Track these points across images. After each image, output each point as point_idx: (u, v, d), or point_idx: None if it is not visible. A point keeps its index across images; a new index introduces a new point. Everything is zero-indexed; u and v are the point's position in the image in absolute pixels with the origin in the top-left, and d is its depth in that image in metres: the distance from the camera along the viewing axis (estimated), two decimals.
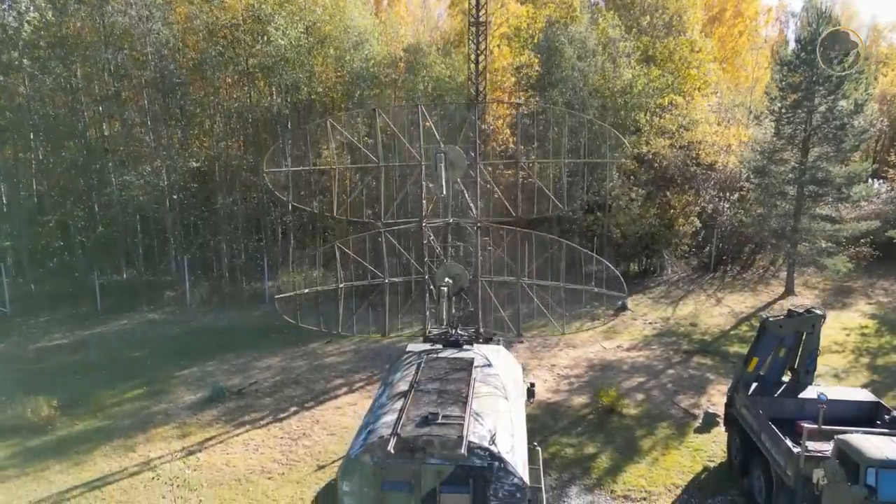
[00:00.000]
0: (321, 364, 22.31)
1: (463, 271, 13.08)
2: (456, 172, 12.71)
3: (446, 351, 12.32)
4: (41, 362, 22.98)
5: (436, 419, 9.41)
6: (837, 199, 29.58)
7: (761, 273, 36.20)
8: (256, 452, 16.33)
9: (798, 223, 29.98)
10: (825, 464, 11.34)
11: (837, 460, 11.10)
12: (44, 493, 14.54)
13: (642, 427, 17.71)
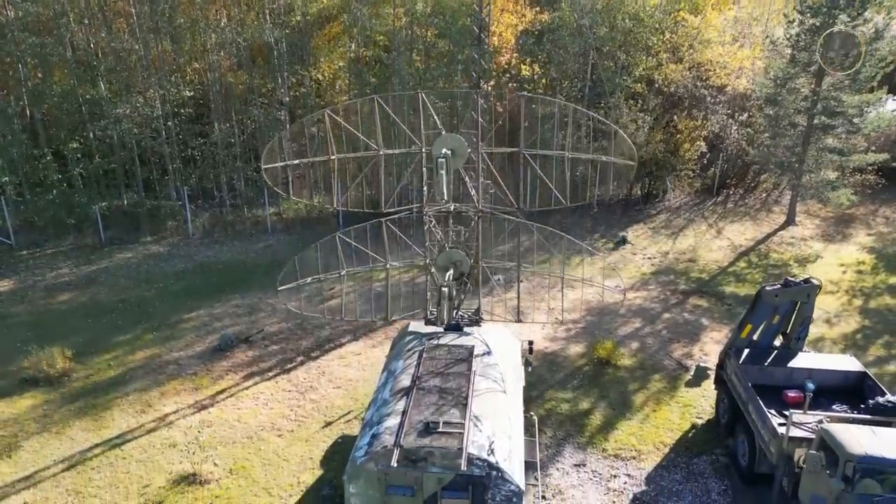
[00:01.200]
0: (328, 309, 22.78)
1: (464, 257, 13.16)
2: (458, 160, 12.52)
3: (447, 336, 12.66)
4: (51, 303, 23.51)
5: (436, 428, 9.87)
6: (848, 131, 28.96)
7: (764, 198, 36.06)
8: (266, 407, 17.13)
9: (805, 155, 29.54)
10: (807, 453, 11.95)
11: (819, 450, 11.69)
12: (67, 451, 15.41)
13: (636, 380, 18.42)
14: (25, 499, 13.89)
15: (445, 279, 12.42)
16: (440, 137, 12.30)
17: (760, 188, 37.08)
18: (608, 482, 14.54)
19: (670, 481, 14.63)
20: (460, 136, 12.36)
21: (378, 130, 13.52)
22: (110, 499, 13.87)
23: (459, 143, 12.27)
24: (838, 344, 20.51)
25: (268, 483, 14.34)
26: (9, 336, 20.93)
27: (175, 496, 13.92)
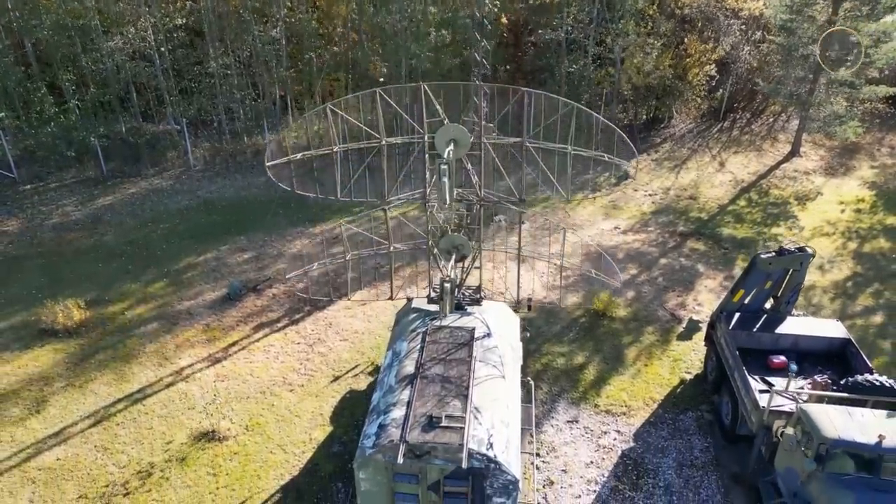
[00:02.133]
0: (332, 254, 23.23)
1: (465, 241, 13.43)
2: (460, 150, 12.52)
3: (449, 316, 13.18)
4: (61, 245, 23.95)
5: (439, 422, 10.61)
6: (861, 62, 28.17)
7: (771, 123, 35.59)
8: (277, 361, 18.00)
9: (815, 86, 28.92)
10: (784, 434, 12.80)
11: (796, 427, 12.52)
12: (92, 406, 16.41)
13: (630, 332, 19.18)
14: (58, 455, 14.99)
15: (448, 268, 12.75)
16: (443, 127, 12.26)
17: (768, 111, 36.51)
18: (599, 439, 15.60)
19: (657, 437, 15.68)
20: (462, 126, 12.31)
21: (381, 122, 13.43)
22: (136, 455, 14.98)
23: (462, 133, 12.24)
24: (828, 293, 21.13)
25: (282, 440, 15.41)
26: (23, 282, 21.56)
27: (197, 452, 15.01)
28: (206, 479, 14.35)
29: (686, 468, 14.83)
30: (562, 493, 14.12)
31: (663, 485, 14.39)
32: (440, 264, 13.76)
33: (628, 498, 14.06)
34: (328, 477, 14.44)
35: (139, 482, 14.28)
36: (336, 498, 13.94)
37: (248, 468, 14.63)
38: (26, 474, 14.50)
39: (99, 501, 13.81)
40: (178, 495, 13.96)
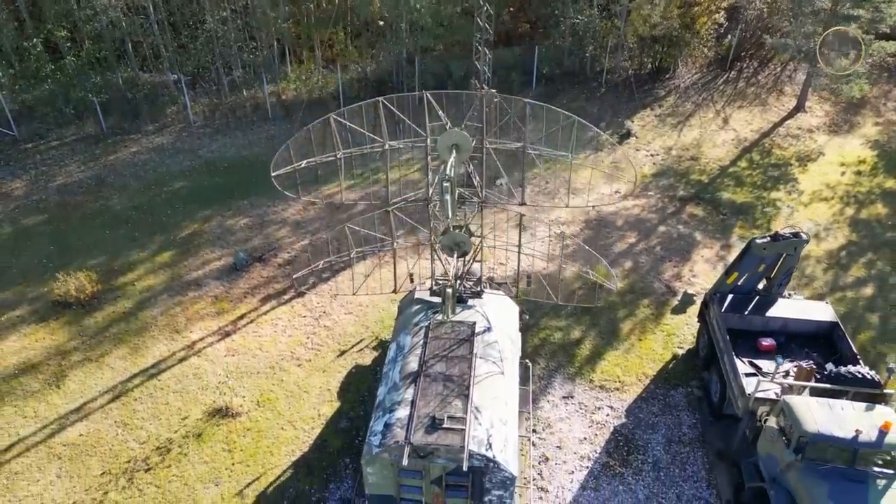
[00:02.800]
0: (332, 221, 23.52)
1: (467, 238, 13.73)
2: (462, 154, 12.64)
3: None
4: (66, 209, 24.20)
5: (441, 423, 11.28)
6: (872, 19, 27.50)
7: (777, 73, 35.02)
8: (284, 335, 18.66)
9: None
10: (767, 423, 13.53)
11: (779, 416, 13.22)
12: (110, 381, 17.18)
13: (626, 306, 19.75)
14: (80, 431, 15.86)
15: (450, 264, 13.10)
16: (445, 133, 12.36)
17: (776, 59, 35.81)
18: (592, 414, 16.43)
19: (647, 413, 16.51)
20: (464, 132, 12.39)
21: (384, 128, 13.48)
22: (154, 431, 15.85)
23: (464, 138, 12.35)
24: (821, 263, 21.56)
25: (291, 415, 16.24)
26: (32, 251, 21.99)
27: (212, 428, 15.87)
28: (221, 454, 15.26)
29: (674, 444, 15.72)
30: (556, 469, 15.04)
31: (652, 461, 15.30)
32: (442, 259, 14.14)
33: (618, 474, 14.98)
34: (336, 453, 15.34)
35: (159, 458, 15.19)
36: (344, 473, 14.88)
37: (260, 444, 15.51)
38: (52, 450, 15.40)
39: (122, 477, 14.75)
40: (197, 471, 14.89)
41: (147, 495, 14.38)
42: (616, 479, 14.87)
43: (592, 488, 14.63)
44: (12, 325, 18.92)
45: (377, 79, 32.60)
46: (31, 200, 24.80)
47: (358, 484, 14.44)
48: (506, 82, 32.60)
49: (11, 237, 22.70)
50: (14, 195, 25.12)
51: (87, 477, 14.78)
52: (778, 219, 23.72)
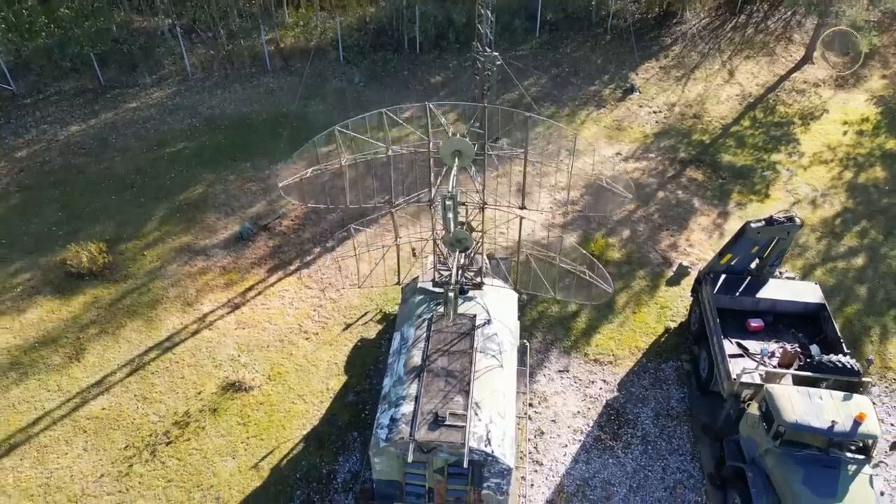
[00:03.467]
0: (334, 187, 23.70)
1: (468, 235, 14.07)
2: (464, 160, 12.83)
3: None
4: (70, 172, 24.38)
5: (444, 421, 12.08)
6: None
7: (787, 19, 34.19)
8: (292, 307, 19.34)
9: None
10: (748, 412, 14.36)
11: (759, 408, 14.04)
12: (127, 355, 18.00)
13: (622, 277, 20.32)
14: (102, 404, 16.80)
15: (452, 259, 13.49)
16: (448, 140, 12.52)
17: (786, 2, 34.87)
18: (586, 388, 17.34)
19: (639, 387, 17.41)
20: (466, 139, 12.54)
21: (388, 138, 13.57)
22: (173, 405, 16.79)
23: (466, 144, 12.53)
24: (815, 232, 21.97)
25: (301, 389, 17.15)
26: (40, 217, 22.37)
27: (226, 402, 16.81)
28: (237, 428, 16.25)
29: (662, 418, 16.68)
30: (550, 442, 16.06)
31: (641, 435, 16.29)
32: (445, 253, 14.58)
33: (608, 448, 16.00)
34: (345, 426, 16.32)
35: (178, 431, 16.19)
36: (352, 447, 15.91)
37: (273, 418, 16.49)
38: (77, 423, 16.39)
39: (145, 450, 15.79)
40: (215, 444, 15.92)
41: (170, 468, 15.45)
42: (606, 452, 15.91)
43: (584, 461, 15.69)
44: (29, 297, 19.58)
45: (376, 27, 31.89)
46: (35, 162, 24.95)
47: (366, 458, 15.49)
48: (508, 30, 31.97)
49: (21, 203, 23.03)
50: (18, 157, 25.24)
51: (111, 450, 15.83)
52: (777, 184, 23.95)
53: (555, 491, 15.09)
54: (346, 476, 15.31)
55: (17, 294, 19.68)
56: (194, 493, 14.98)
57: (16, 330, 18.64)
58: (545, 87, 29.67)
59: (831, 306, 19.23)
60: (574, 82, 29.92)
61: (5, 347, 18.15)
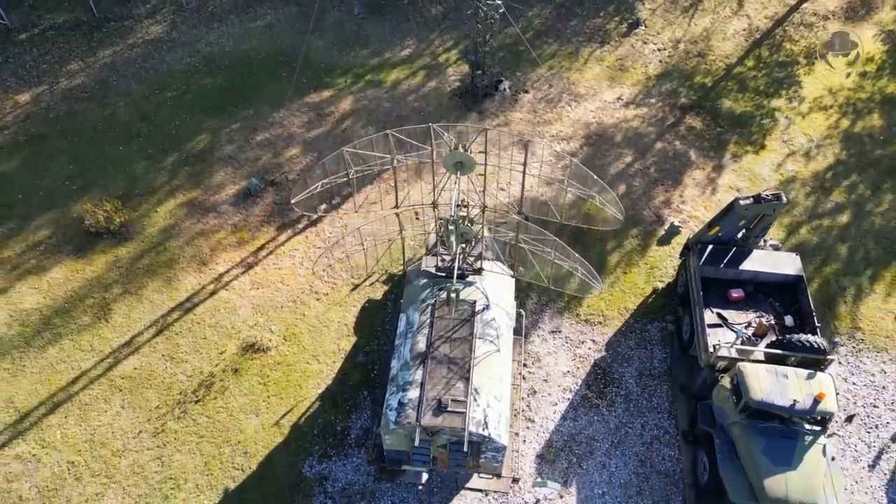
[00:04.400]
0: (339, 137, 24.06)
1: (469, 229, 14.84)
2: (466, 170, 13.36)
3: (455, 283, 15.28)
4: (76, 122, 24.59)
5: (446, 407, 13.56)
6: None
7: None
8: (302, 267, 20.46)
9: None
10: (720, 385, 15.83)
11: (731, 382, 15.51)
12: (151, 315, 19.34)
13: (615, 237, 21.26)
14: (134, 364, 18.36)
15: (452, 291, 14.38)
16: (451, 153, 13.03)
17: None
18: (577, 348, 18.84)
19: (625, 347, 18.91)
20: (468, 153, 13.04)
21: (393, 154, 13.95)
22: (198, 365, 18.35)
23: (467, 157, 13.06)
24: (806, 187, 22.64)
25: (315, 350, 18.65)
26: (52, 170, 22.94)
27: (247, 362, 18.36)
28: (258, 388, 17.91)
29: (645, 377, 18.31)
30: (542, 401, 17.77)
31: (624, 393, 17.98)
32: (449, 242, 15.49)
33: (594, 405, 17.73)
34: (356, 385, 17.97)
35: (205, 390, 17.86)
36: (363, 405, 17.63)
37: (290, 378, 18.11)
38: (112, 383, 18.03)
39: (177, 408, 17.53)
40: (239, 403, 17.63)
41: (200, 425, 17.25)
42: (592, 410, 17.65)
43: (572, 419, 17.47)
44: (52, 255, 20.66)
45: None
46: (39, 109, 25.11)
47: (376, 416, 17.26)
48: None
49: (31, 155, 23.49)
50: (22, 101, 25.36)
51: (146, 408, 17.56)
52: (773, 133, 24.28)
53: (544, 446, 16.97)
54: (359, 432, 17.14)
55: (40, 253, 20.73)
56: (224, 448, 16.87)
57: (44, 290, 19.89)
58: (549, 20, 29.05)
59: (812, 266, 20.53)
60: (579, 13, 29.26)
61: (36, 308, 19.48)
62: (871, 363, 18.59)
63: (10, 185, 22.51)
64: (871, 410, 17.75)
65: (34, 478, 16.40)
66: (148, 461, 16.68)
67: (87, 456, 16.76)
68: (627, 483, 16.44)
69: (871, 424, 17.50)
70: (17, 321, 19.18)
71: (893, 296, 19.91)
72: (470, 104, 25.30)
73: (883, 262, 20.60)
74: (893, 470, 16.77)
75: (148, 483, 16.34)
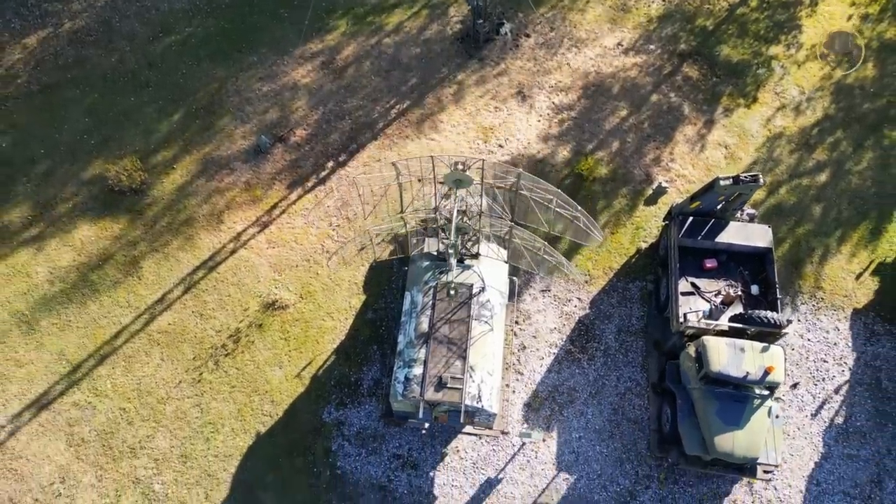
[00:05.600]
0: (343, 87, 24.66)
1: (468, 225, 16.25)
2: (464, 185, 14.58)
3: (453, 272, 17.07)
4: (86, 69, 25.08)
5: (446, 384, 15.84)
6: None
7: None
8: (313, 227, 22.07)
9: None
10: (685, 353, 18.02)
11: (696, 351, 17.70)
12: (177, 273, 21.25)
13: (605, 196, 22.65)
14: (168, 320, 20.56)
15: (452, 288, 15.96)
16: (451, 172, 14.21)
17: None
18: (563, 306, 20.94)
19: (607, 305, 21.00)
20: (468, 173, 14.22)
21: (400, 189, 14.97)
22: (225, 321, 20.55)
23: (466, 176, 14.28)
24: (791, 143, 23.64)
25: (329, 307, 20.77)
26: (70, 124, 23.86)
27: (268, 319, 20.54)
28: (280, 342, 20.23)
29: (623, 333, 20.56)
30: (530, 355, 20.14)
31: (603, 348, 20.31)
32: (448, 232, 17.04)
33: (577, 359, 20.13)
34: (367, 341, 20.27)
35: (233, 345, 20.19)
36: (373, 358, 20.02)
37: (308, 334, 20.37)
38: (151, 337, 20.32)
39: (210, 361, 19.95)
40: (264, 356, 20.03)
41: (231, 376, 19.75)
42: (574, 363, 20.07)
43: (556, 371, 19.94)
44: (81, 213, 22.23)
45: None
46: (48, 54, 25.50)
47: (385, 368, 19.71)
48: None
49: (46, 105, 24.29)
50: (29, 46, 25.68)
51: (183, 360, 19.99)
52: (767, 84, 24.84)
53: (531, 396, 19.56)
54: (370, 383, 19.67)
55: (69, 210, 22.29)
56: (254, 397, 19.48)
57: (77, 247, 21.69)
58: None
59: (786, 227, 22.19)
60: None
61: (73, 265, 21.38)
62: (826, 321, 20.76)
63: (30, 139, 23.58)
64: (820, 365, 20.16)
65: (92, 422, 19.14)
66: (189, 408, 19.35)
67: (136, 403, 19.41)
68: (601, 429, 19.19)
69: (819, 378, 19.97)
70: (58, 278, 21.15)
71: (857, 256, 21.70)
72: (472, 50, 25.63)
73: (852, 223, 22.18)
74: (832, 418, 19.46)
75: (191, 427, 19.11)
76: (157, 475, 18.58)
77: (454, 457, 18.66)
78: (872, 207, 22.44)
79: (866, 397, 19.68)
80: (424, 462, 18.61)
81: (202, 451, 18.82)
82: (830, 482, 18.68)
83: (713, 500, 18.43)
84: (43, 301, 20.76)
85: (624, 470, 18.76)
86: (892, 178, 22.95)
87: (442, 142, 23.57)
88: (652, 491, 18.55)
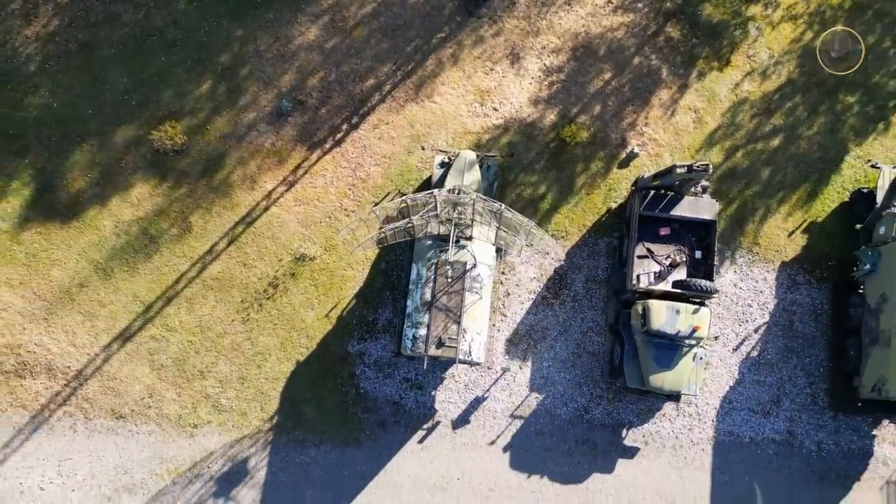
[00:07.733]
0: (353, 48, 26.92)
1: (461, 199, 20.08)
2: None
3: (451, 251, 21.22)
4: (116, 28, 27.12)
5: (444, 344, 20.73)
6: None
7: None
8: (332, 186, 25.79)
9: None
10: (634, 309, 22.70)
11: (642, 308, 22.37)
12: (221, 227, 25.29)
13: (585, 160, 26.08)
14: (218, 269, 25.05)
15: None
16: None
17: None
18: (543, 259, 25.35)
19: (579, 257, 25.41)
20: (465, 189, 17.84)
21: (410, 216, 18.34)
22: (264, 270, 25.08)
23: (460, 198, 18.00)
24: (753, 108, 26.55)
25: (349, 259, 25.18)
26: (110, 84, 26.36)
27: (300, 269, 25.05)
28: (310, 289, 24.94)
29: (590, 282, 25.19)
30: (513, 300, 24.94)
31: (573, 295, 25.06)
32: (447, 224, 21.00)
33: (550, 304, 24.95)
34: (381, 287, 24.97)
35: (273, 290, 24.90)
36: (387, 302, 24.85)
37: (333, 281, 25.01)
38: (205, 283, 24.98)
39: (255, 304, 24.79)
40: (298, 300, 24.84)
41: (273, 315, 24.72)
42: (548, 308, 24.93)
43: (533, 314, 24.85)
44: (134, 172, 25.79)
45: None
46: (80, 10, 27.31)
47: (396, 309, 24.59)
48: None
49: (86, 66, 26.70)
50: (62, 4, 27.51)
51: (233, 303, 24.82)
52: (741, 47, 27.12)
53: (512, 334, 24.66)
54: (384, 322, 24.68)
55: (124, 168, 25.85)
56: (292, 332, 24.60)
57: (135, 203, 25.62)
58: None
59: (736, 188, 25.98)
60: None
61: (133, 220, 25.46)
62: (758, 272, 25.30)
63: (78, 100, 26.47)
64: (745, 309, 25.02)
65: (167, 351, 24.43)
66: (242, 341, 24.55)
67: (200, 336, 24.57)
68: (566, 359, 24.53)
69: (743, 319, 24.93)
70: (122, 231, 25.32)
71: (793, 216, 25.71)
72: (471, 7, 27.55)
73: (794, 186, 25.90)
74: (749, 352, 24.70)
75: (244, 356, 24.44)
76: (223, 392, 24.22)
77: (451, 380, 24.17)
78: (814, 171, 26.03)
79: (779, 336, 24.79)
80: (427, 384, 24.16)
81: (255, 375, 24.32)
82: (740, 401, 24.36)
83: (648, 414, 24.23)
84: (113, 251, 25.11)
85: (582, 391, 24.36)
86: (837, 143, 26.27)
87: (443, 104, 26.50)
88: (602, 407, 24.29)
